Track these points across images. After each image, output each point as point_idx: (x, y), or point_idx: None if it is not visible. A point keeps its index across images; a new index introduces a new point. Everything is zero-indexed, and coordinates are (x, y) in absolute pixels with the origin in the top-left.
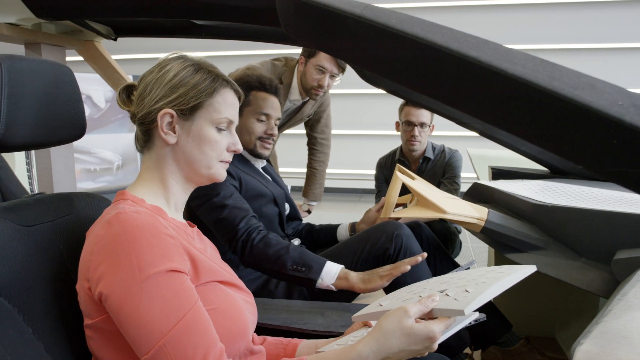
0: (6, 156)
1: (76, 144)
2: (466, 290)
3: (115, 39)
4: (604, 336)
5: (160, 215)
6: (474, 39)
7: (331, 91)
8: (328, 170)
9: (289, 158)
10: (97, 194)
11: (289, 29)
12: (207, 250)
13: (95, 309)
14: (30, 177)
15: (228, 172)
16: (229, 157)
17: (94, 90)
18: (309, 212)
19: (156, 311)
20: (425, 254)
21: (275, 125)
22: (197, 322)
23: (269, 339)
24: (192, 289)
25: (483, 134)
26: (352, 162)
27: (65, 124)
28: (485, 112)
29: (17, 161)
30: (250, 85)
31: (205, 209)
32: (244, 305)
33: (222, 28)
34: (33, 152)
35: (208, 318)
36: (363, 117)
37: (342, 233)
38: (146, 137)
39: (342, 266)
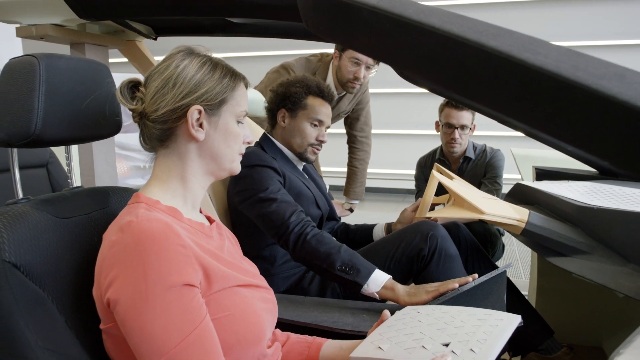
0: (57, 151)
1: (126, 142)
2: (472, 350)
3: (155, 38)
4: None
5: (176, 216)
6: (495, 29)
7: (371, 90)
8: (370, 170)
9: (330, 158)
10: (132, 189)
11: (309, 23)
12: (224, 248)
13: (106, 315)
14: (69, 171)
15: (273, 168)
16: (244, 149)
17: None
18: (351, 210)
19: (160, 327)
20: (475, 276)
21: (325, 131)
22: (201, 341)
23: (293, 336)
24: (201, 306)
25: (527, 133)
26: (394, 162)
27: (101, 120)
28: (505, 105)
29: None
30: (309, 90)
31: (251, 203)
32: (261, 307)
33: (257, 26)
34: (72, 146)
35: (215, 339)
36: (404, 117)
37: (378, 233)
38: (166, 135)
39: (390, 277)
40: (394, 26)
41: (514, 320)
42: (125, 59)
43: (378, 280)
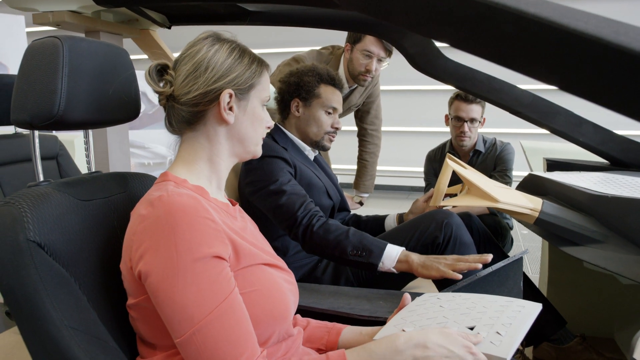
0: (66, 143)
1: (131, 138)
2: (498, 333)
3: (169, 27)
4: None
5: (203, 195)
6: None
7: (380, 87)
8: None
9: (340, 154)
10: (150, 175)
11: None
12: (247, 229)
13: (136, 288)
14: (87, 157)
15: (284, 159)
16: (265, 134)
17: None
18: (360, 203)
19: (190, 298)
20: (490, 256)
21: (339, 119)
22: (232, 312)
23: (313, 322)
24: (230, 278)
25: (538, 122)
26: (400, 159)
27: (121, 104)
28: (545, 72)
29: (76, 146)
30: (321, 78)
31: (261, 195)
32: (285, 286)
33: (272, 14)
34: (90, 132)
35: (244, 311)
36: (412, 114)
37: (390, 224)
38: (196, 117)
39: (403, 248)
40: None
41: (536, 308)
42: (138, 56)
43: (392, 255)
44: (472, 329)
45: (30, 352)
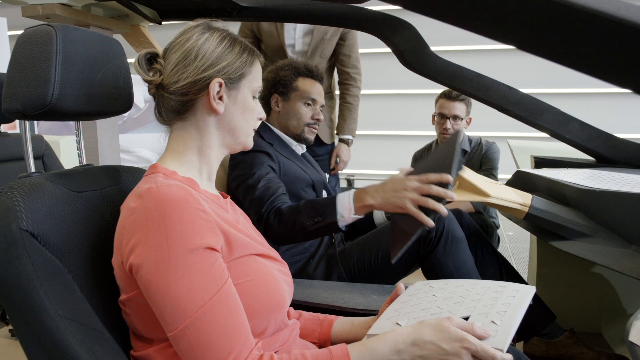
0: (52, 144)
1: None
2: (493, 322)
3: (160, 23)
4: None
5: (193, 187)
6: None
7: (363, 91)
8: (362, 171)
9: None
10: (142, 168)
11: None
12: (239, 221)
13: (128, 282)
14: (79, 149)
15: (267, 153)
16: (257, 125)
17: (134, 90)
18: (347, 143)
19: (183, 290)
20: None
21: (320, 111)
22: (226, 303)
23: (305, 314)
24: (223, 270)
25: (525, 120)
26: (385, 163)
27: (114, 95)
28: (549, 50)
29: (61, 145)
30: (298, 71)
31: (242, 190)
32: (280, 276)
33: (264, 9)
34: (81, 125)
35: (238, 302)
36: (397, 118)
37: (379, 216)
38: (185, 107)
39: (353, 191)
40: None
41: (530, 291)
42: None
43: (345, 204)
44: (466, 319)
45: (22, 345)
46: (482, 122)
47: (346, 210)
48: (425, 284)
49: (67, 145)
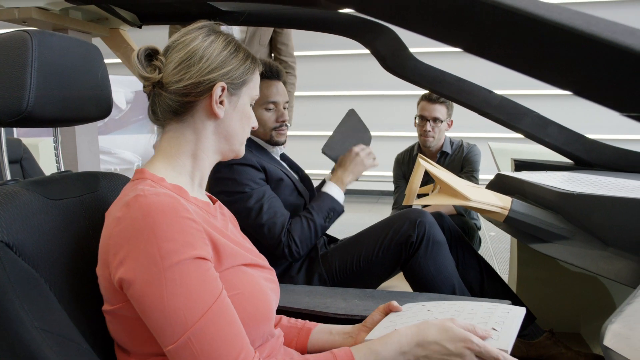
0: (31, 147)
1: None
2: (494, 329)
3: (140, 27)
4: (636, 315)
5: (182, 195)
6: None
7: (349, 92)
8: None
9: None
10: (122, 175)
11: None
12: (227, 228)
13: (113, 295)
14: (57, 155)
15: (253, 165)
16: (250, 134)
17: (115, 91)
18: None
19: (181, 301)
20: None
21: (285, 109)
22: (223, 313)
23: (284, 320)
24: (217, 278)
25: (505, 123)
26: None
27: (92, 101)
28: (523, 62)
29: (40, 150)
30: None
31: (238, 209)
32: (267, 286)
33: (248, 15)
34: (59, 131)
35: (234, 311)
36: (379, 119)
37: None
38: (184, 108)
39: (332, 182)
40: None
41: (521, 312)
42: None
43: (338, 194)
44: None
45: None
46: (463, 123)
47: (340, 197)
48: (417, 304)
49: (46, 149)
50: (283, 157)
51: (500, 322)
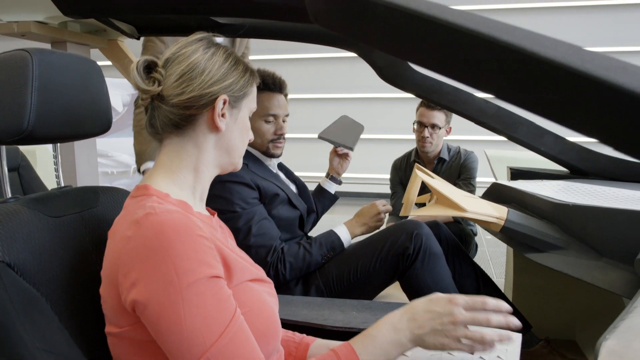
0: (28, 154)
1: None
2: (498, 357)
3: (138, 38)
4: (630, 331)
5: (188, 211)
6: (503, 24)
7: (337, 95)
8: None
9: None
10: (122, 189)
11: (319, 18)
12: (229, 242)
13: (123, 317)
14: (57, 170)
15: (246, 184)
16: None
17: (112, 94)
18: None
19: (199, 321)
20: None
21: (284, 122)
22: (240, 332)
23: (282, 333)
24: (230, 296)
25: (501, 132)
26: (365, 167)
27: (92, 117)
28: (518, 96)
29: (38, 157)
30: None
31: (230, 227)
32: (271, 301)
33: (242, 27)
34: (59, 147)
35: (247, 327)
36: (377, 121)
37: (324, 184)
38: (185, 121)
39: (344, 225)
40: (407, 21)
41: (518, 337)
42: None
43: (346, 236)
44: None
45: None
46: (461, 127)
47: (347, 241)
48: None
49: (43, 155)
50: (280, 166)
51: (503, 350)
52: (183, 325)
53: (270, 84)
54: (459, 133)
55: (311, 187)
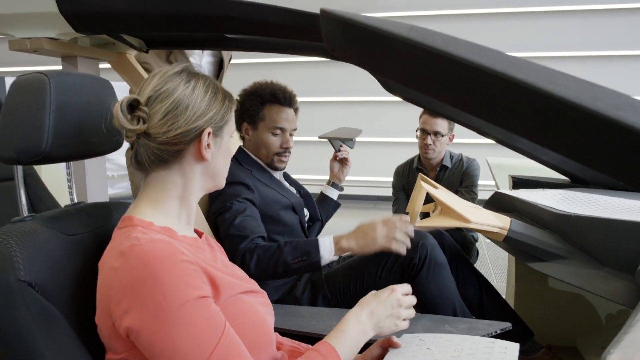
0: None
1: None
2: None
3: (146, 51)
4: (634, 345)
5: (172, 236)
6: (516, 60)
7: (337, 98)
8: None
9: (300, 165)
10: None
11: (335, 49)
12: (217, 259)
13: (119, 343)
14: (70, 187)
15: (245, 184)
16: None
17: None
18: None
19: (190, 341)
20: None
21: (291, 136)
22: (231, 346)
23: (285, 343)
24: (219, 312)
25: (503, 143)
26: (366, 169)
27: (105, 135)
28: (532, 133)
29: (43, 169)
30: (263, 99)
31: (219, 222)
32: (264, 311)
33: (255, 41)
34: (72, 164)
35: (239, 340)
36: (377, 124)
37: (326, 191)
38: (173, 156)
39: (332, 236)
40: (424, 56)
41: (516, 347)
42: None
43: (327, 247)
44: None
45: None
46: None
47: (327, 252)
48: (415, 337)
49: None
50: (285, 175)
51: None
52: (175, 347)
53: (281, 98)
54: (462, 137)
55: (310, 189)
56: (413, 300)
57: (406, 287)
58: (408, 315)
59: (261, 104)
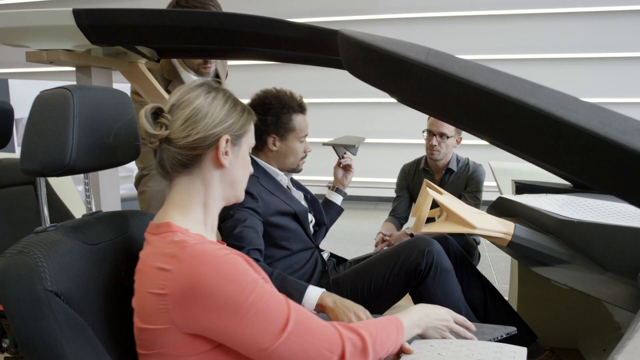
0: None
1: None
2: None
3: (158, 61)
4: (638, 351)
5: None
6: (529, 85)
7: (348, 100)
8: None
9: (310, 166)
10: (147, 213)
11: (353, 70)
12: None
13: (167, 339)
14: (88, 197)
15: (249, 193)
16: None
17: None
18: None
19: (270, 311)
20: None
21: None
22: (297, 307)
23: None
24: (272, 285)
25: (507, 149)
26: (368, 171)
27: (124, 146)
28: (544, 155)
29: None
30: (293, 110)
31: (222, 228)
32: None
33: (260, 52)
34: (90, 175)
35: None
36: (379, 126)
37: (329, 196)
38: (192, 160)
39: (323, 290)
40: (442, 82)
41: (524, 351)
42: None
43: (310, 299)
44: None
45: None
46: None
47: (308, 304)
48: (426, 342)
49: None
50: (292, 181)
51: None
52: (260, 324)
53: (303, 106)
54: (467, 138)
55: (313, 190)
56: (461, 330)
57: (460, 318)
58: (446, 337)
59: (288, 114)
